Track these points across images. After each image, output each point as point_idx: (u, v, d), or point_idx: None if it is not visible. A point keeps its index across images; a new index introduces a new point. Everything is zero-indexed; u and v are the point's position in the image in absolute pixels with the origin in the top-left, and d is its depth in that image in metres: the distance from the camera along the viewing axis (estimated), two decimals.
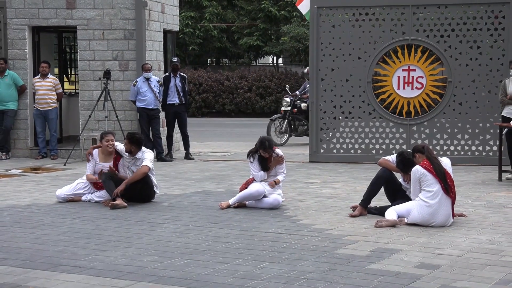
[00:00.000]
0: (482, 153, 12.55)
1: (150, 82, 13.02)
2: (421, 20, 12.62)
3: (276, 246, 6.49)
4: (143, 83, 12.99)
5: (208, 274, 5.55)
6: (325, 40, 12.92)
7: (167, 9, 14.58)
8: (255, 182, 8.47)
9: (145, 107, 13.06)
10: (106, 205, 8.56)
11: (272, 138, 8.63)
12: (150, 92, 13.01)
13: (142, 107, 13.07)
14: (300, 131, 16.48)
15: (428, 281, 5.38)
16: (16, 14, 13.44)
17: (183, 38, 33.65)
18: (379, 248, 6.40)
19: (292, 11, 33.54)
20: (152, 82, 13.05)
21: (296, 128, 16.54)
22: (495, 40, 12.53)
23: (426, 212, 7.28)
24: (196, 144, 16.26)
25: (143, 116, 13.13)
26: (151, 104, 13.08)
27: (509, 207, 8.45)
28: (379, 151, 12.74)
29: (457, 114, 12.66)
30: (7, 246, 6.52)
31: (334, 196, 9.23)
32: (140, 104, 13.06)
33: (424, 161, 7.43)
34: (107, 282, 5.38)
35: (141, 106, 13.06)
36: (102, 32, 13.25)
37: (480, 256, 6.11)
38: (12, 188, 10.02)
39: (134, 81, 12.99)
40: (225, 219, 7.76)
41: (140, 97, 13.01)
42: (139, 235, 6.97)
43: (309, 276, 5.49)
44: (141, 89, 12.97)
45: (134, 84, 12.98)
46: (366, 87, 12.79)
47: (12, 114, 13.46)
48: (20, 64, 13.59)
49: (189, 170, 12.02)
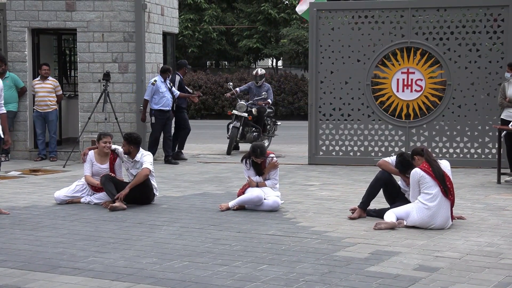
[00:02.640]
0: (481, 155, 12.56)
1: (167, 82, 13.02)
2: (420, 23, 12.63)
3: (275, 248, 6.50)
4: (161, 83, 12.92)
5: (207, 276, 5.56)
6: (324, 43, 12.93)
7: (167, 11, 14.59)
8: (254, 188, 8.47)
9: (162, 109, 12.90)
10: (105, 207, 8.57)
11: (264, 145, 8.62)
12: (168, 93, 12.97)
13: (159, 109, 12.87)
14: (248, 138, 14.87)
15: (427, 283, 5.38)
16: (15, 16, 13.45)
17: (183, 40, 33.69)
18: (378, 250, 6.40)
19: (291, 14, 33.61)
20: (168, 83, 13.04)
21: (245, 135, 14.95)
22: (494, 43, 12.55)
23: (425, 214, 7.28)
24: (195, 146, 16.28)
25: (159, 118, 12.89)
26: (168, 106, 13.00)
27: (508, 210, 8.46)
28: (378, 153, 12.75)
29: (456, 116, 12.68)
30: (6, 248, 6.52)
31: (333, 199, 9.24)
32: (157, 106, 12.85)
33: (423, 164, 7.44)
34: (106, 284, 5.38)
35: (158, 108, 12.86)
36: (102, 34, 13.26)
37: (479, 259, 6.11)
38: (12, 190, 10.02)
39: (153, 79, 12.85)
40: (224, 221, 7.76)
41: (156, 97, 12.82)
42: (138, 237, 6.97)
43: (308, 278, 5.49)
44: (160, 89, 12.83)
45: (153, 83, 12.79)
46: (365, 90, 12.80)
47: (12, 115, 13.46)
48: (19, 66, 13.60)
49: (188, 172, 12.02)
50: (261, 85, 15.34)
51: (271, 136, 15.83)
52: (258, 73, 15.43)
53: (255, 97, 15.25)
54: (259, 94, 15.21)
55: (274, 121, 15.99)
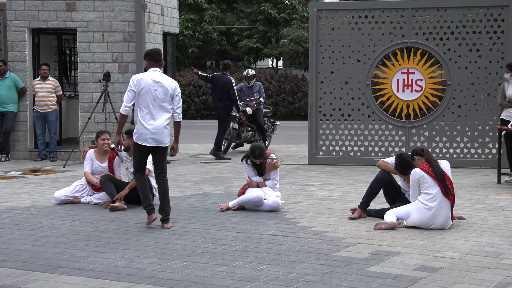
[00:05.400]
0: (481, 155, 12.55)
1: None
2: (420, 23, 12.63)
3: (275, 248, 6.50)
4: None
5: (207, 277, 5.56)
6: (324, 43, 12.93)
7: (167, 11, 14.60)
8: (254, 188, 8.47)
9: None
10: (105, 207, 8.57)
11: (263, 146, 8.62)
12: None
13: None
14: (244, 138, 14.94)
15: (427, 283, 5.38)
16: (16, 16, 13.45)
17: (183, 40, 33.70)
18: (378, 250, 6.40)
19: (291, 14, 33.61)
20: None
21: (240, 135, 14.91)
22: (494, 43, 12.55)
23: (425, 214, 7.28)
24: (195, 146, 16.29)
25: None
26: None
27: (508, 210, 8.46)
28: (378, 153, 12.75)
29: (456, 116, 12.67)
30: (6, 248, 6.52)
31: (333, 199, 9.24)
32: None
33: (424, 164, 7.44)
34: (106, 284, 5.38)
35: None
36: (102, 34, 13.26)
37: (479, 259, 6.12)
38: (12, 190, 10.02)
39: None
40: (224, 221, 7.76)
41: None
42: (138, 237, 6.98)
43: (308, 279, 5.49)
44: None
45: None
46: (365, 90, 12.80)
47: (12, 116, 13.46)
48: (20, 66, 13.60)
49: (188, 172, 12.02)
50: (252, 85, 15.35)
51: (269, 136, 15.80)
52: (249, 73, 15.43)
53: (248, 97, 15.27)
54: (251, 94, 15.21)
55: (272, 121, 16.00)
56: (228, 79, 13.98)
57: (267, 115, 15.74)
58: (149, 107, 7.46)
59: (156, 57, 7.65)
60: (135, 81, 7.53)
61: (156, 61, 7.64)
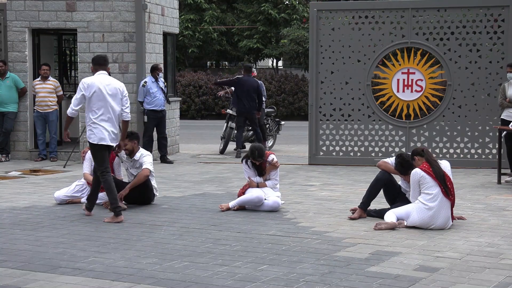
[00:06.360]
0: (481, 156, 12.55)
1: (159, 82, 13.02)
2: (420, 23, 12.63)
3: (276, 248, 6.50)
4: (152, 83, 12.95)
5: (207, 277, 5.56)
6: (324, 43, 12.93)
7: (167, 11, 14.60)
8: (255, 188, 8.47)
9: (154, 109, 12.95)
10: (105, 207, 8.56)
11: (262, 147, 8.61)
12: (160, 93, 12.99)
13: (151, 109, 12.95)
14: (244, 138, 14.80)
15: (427, 283, 5.38)
16: (16, 17, 13.46)
17: (183, 40, 33.70)
18: (378, 250, 6.40)
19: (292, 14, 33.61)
20: (160, 83, 13.05)
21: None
22: (494, 43, 12.55)
23: (425, 214, 7.28)
24: (195, 146, 16.29)
25: (152, 118, 12.97)
26: (161, 106, 13.03)
27: (509, 210, 8.46)
28: (379, 153, 12.75)
29: (457, 117, 12.67)
30: (7, 248, 6.52)
31: (334, 199, 9.24)
32: (149, 106, 12.93)
33: (424, 164, 7.44)
34: (107, 284, 5.38)
35: (151, 108, 12.94)
36: (102, 35, 13.26)
37: (479, 259, 6.12)
38: (12, 190, 10.02)
39: (143, 81, 12.89)
40: (225, 221, 7.76)
41: (149, 98, 12.90)
42: (138, 237, 6.98)
43: (308, 279, 5.49)
44: (151, 89, 12.88)
45: (143, 84, 12.85)
46: (365, 90, 12.80)
47: (12, 116, 13.47)
48: (20, 66, 13.60)
49: (188, 172, 12.02)
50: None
51: (271, 136, 15.79)
52: (254, 73, 15.42)
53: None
54: None
55: (277, 120, 16.09)
56: (256, 81, 14.41)
57: (271, 115, 15.82)
58: (102, 108, 7.94)
59: (101, 62, 8.16)
60: (85, 85, 7.98)
61: (100, 65, 8.12)
